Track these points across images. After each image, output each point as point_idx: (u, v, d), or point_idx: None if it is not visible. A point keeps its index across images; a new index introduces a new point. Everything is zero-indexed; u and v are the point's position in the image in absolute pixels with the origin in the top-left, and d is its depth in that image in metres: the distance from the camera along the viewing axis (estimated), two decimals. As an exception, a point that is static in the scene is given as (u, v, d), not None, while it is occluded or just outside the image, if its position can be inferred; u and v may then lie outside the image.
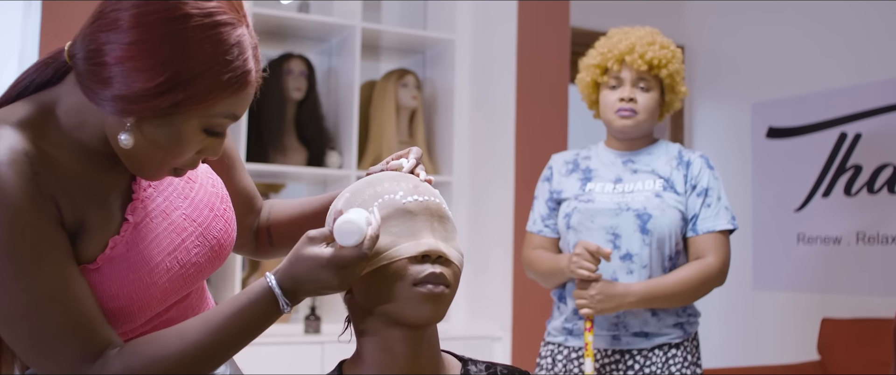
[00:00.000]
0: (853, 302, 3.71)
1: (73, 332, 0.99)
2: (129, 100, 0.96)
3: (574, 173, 2.20)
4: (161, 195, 1.12)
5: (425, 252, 1.06)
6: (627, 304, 1.99)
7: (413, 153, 1.19)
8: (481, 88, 3.47)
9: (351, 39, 3.28)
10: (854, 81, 3.83)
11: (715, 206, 2.09)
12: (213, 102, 0.98)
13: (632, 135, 2.15)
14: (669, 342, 2.07)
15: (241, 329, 1.04)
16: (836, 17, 3.92)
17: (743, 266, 4.18)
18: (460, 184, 3.45)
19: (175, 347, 1.02)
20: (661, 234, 2.05)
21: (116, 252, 1.05)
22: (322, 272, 1.01)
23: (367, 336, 1.10)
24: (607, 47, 2.15)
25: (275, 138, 3.23)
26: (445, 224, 1.11)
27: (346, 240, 1.00)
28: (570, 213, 2.12)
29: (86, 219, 1.03)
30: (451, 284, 1.07)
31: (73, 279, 1.00)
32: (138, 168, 1.04)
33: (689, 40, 4.61)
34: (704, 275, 2.04)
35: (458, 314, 3.43)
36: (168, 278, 1.09)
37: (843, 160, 3.84)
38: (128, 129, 0.98)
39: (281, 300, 1.03)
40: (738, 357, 4.17)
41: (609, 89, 2.15)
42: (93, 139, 1.04)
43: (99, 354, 1.01)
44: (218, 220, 1.16)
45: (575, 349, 2.11)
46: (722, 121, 4.46)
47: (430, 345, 1.11)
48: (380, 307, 1.07)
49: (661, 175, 2.12)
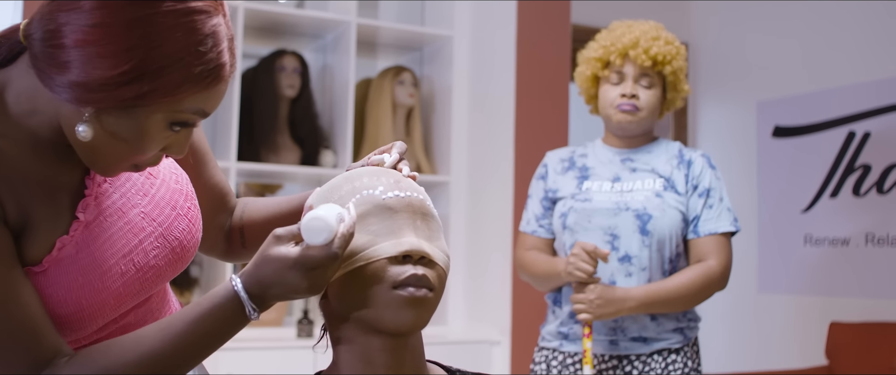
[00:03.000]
0: (862, 305, 3.64)
1: (16, 340, 0.90)
2: (87, 88, 0.87)
3: (570, 170, 2.12)
4: (117, 192, 1.03)
5: (406, 252, 0.97)
6: (627, 309, 1.92)
7: (396, 148, 1.10)
8: (480, 86, 3.41)
9: (346, 36, 3.22)
10: (863, 78, 3.76)
11: (717, 207, 2.03)
12: (182, 96, 0.90)
13: (632, 132, 2.08)
14: (669, 347, 2.00)
15: (203, 337, 0.94)
16: (843, 13, 3.85)
17: (748, 269, 4.12)
18: (458, 184, 3.39)
19: (130, 357, 0.93)
20: (662, 235, 1.98)
21: (64, 254, 0.97)
22: (289, 274, 0.92)
23: (344, 345, 1.00)
24: (610, 40, 2.08)
25: (267, 137, 3.17)
26: (429, 222, 1.02)
27: (313, 238, 0.91)
28: (566, 213, 2.04)
29: (31, 216, 0.95)
30: (435, 287, 0.98)
31: (16, 281, 0.91)
32: (94, 163, 0.95)
33: (692, 37, 4.55)
34: (706, 279, 1.97)
35: (456, 318, 3.37)
36: (123, 282, 1.00)
37: (851, 160, 3.77)
38: (86, 119, 0.90)
39: (247, 306, 0.94)
40: (743, 362, 4.11)
41: (610, 85, 2.07)
42: (44, 129, 0.95)
43: (45, 364, 0.92)
44: (181, 219, 1.07)
45: (571, 354, 2.04)
46: (726, 120, 4.40)
47: (414, 355, 1.01)
48: (357, 313, 0.97)
49: (662, 174, 2.05)
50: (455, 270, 3.34)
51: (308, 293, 0.94)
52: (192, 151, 1.17)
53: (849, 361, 3.45)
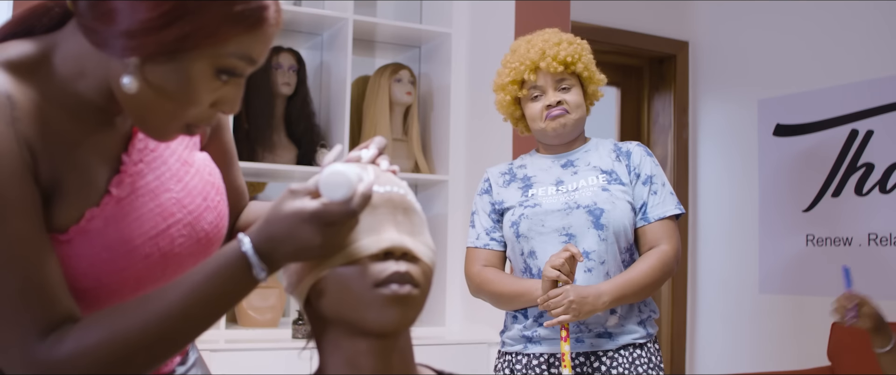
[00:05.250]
0: (864, 306, 3.60)
1: (31, 299, 0.87)
2: (131, 34, 0.87)
3: (512, 183, 2.16)
4: (152, 173, 1.02)
5: (387, 249, 0.93)
6: (602, 305, 1.93)
7: (375, 143, 1.07)
8: (479, 84, 3.37)
9: (343, 33, 3.18)
10: (865, 75, 3.72)
11: (661, 192, 2.08)
12: (224, 37, 0.89)
13: (568, 135, 2.13)
14: (634, 342, 2.03)
15: (209, 298, 0.90)
16: (845, 10, 3.82)
17: (749, 269, 4.09)
18: (456, 183, 3.36)
19: (135, 321, 0.88)
20: (617, 227, 2.01)
21: (92, 226, 0.95)
22: (303, 229, 0.88)
23: (329, 350, 0.97)
24: (517, 60, 2.13)
25: (263, 135, 3.13)
26: (411, 217, 0.98)
27: (333, 193, 0.87)
28: (518, 221, 2.07)
29: (62, 182, 0.93)
30: (420, 283, 0.93)
31: (41, 239, 0.89)
32: (146, 123, 0.93)
33: (693, 36, 4.51)
34: (664, 264, 2.02)
35: (453, 319, 3.34)
36: (145, 265, 0.98)
37: (854, 158, 3.74)
38: (131, 70, 0.89)
39: (255, 265, 0.89)
40: (744, 363, 4.07)
41: (531, 101, 2.12)
42: (91, 92, 0.94)
43: (54, 328, 0.88)
44: (210, 212, 1.06)
45: (537, 355, 2.04)
46: (727, 118, 4.36)
47: (403, 357, 0.97)
48: (340, 316, 0.93)
49: (604, 169, 2.09)
50: (453, 270, 3.31)
51: (320, 252, 0.90)
52: (223, 150, 1.18)
53: (851, 362, 3.42)
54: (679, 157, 4.43)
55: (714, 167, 4.42)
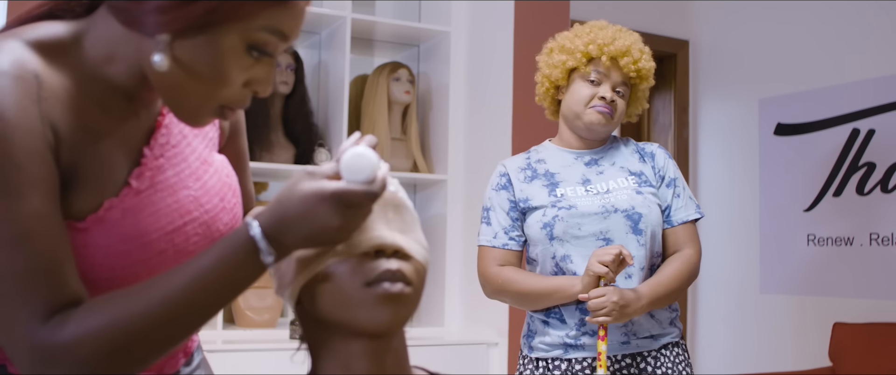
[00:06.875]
0: (866, 306, 3.59)
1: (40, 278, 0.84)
2: (162, 10, 0.86)
3: (535, 179, 2.05)
4: (172, 169, 1.01)
5: (378, 247, 0.91)
6: (640, 308, 1.89)
7: (365, 141, 1.06)
8: (478, 83, 3.36)
9: (341, 31, 3.17)
10: (866, 74, 3.71)
11: (683, 196, 2.06)
12: (253, 10, 0.87)
13: (599, 134, 2.06)
14: (672, 341, 2.02)
15: (215, 283, 0.86)
16: (846, 9, 3.80)
17: (750, 269, 4.07)
18: (455, 183, 3.34)
19: (138, 305, 0.86)
20: (653, 231, 1.98)
21: (110, 216, 0.93)
22: (321, 209, 0.84)
23: (321, 352, 0.95)
24: (601, 39, 2.02)
25: (261, 135, 3.12)
26: (403, 214, 0.96)
27: (356, 175, 0.85)
28: (551, 223, 1.96)
29: (83, 169, 0.92)
30: (412, 281, 0.91)
31: (56, 219, 0.87)
32: (178, 105, 0.91)
33: (693, 34, 4.50)
34: (691, 267, 2.00)
35: (453, 320, 3.33)
36: (159, 259, 0.96)
37: (855, 158, 3.72)
38: (162, 48, 0.87)
39: (263, 249, 0.86)
40: (745, 363, 4.06)
41: (587, 82, 2.02)
42: (121, 76, 0.93)
43: (59, 310, 0.85)
44: (225, 213, 1.05)
45: (579, 360, 1.97)
46: (728, 118, 4.34)
47: (397, 359, 0.95)
48: (332, 317, 0.91)
49: (632, 171, 2.04)
50: (452, 270, 3.30)
51: (336, 235, 0.86)
52: (238, 153, 1.18)
53: (852, 362, 3.41)
54: (679, 156, 4.41)
55: (714, 167, 4.40)
